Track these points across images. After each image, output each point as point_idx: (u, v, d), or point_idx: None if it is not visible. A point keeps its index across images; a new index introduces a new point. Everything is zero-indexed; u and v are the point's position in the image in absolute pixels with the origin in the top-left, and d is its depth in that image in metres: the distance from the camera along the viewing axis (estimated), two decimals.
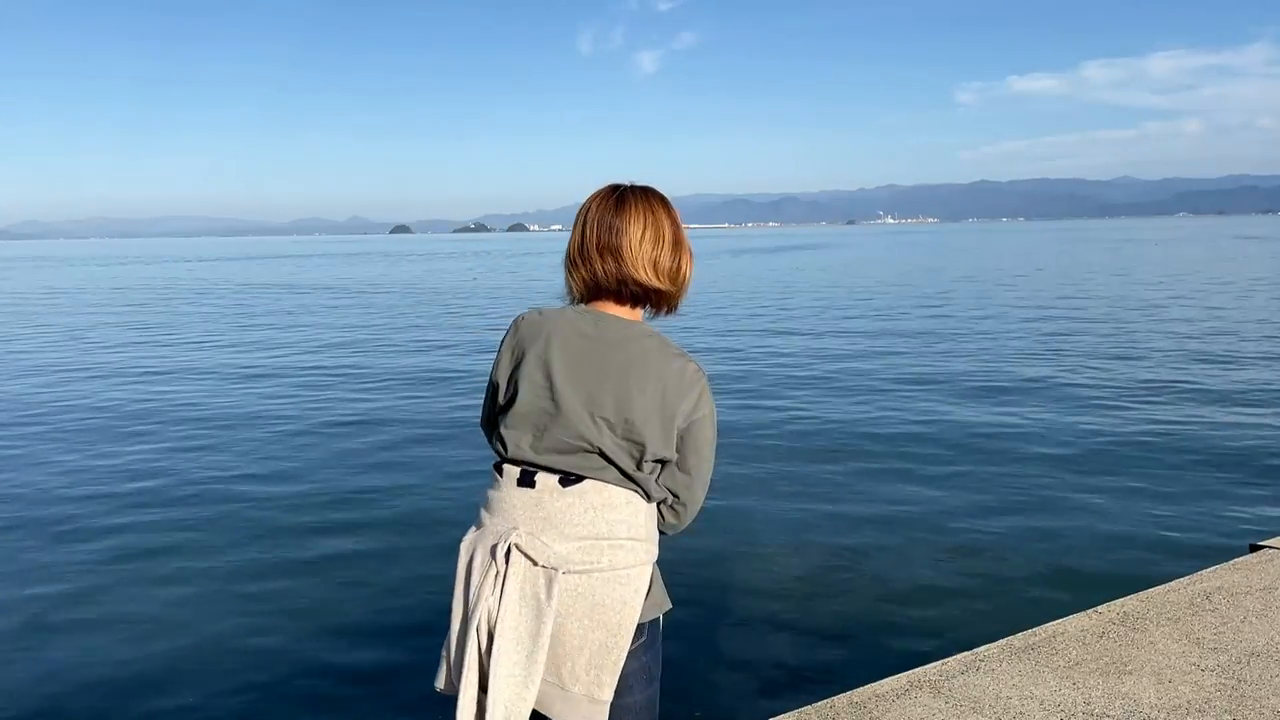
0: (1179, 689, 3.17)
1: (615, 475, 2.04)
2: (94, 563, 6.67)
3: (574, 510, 2.01)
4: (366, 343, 20.09)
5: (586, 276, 2.12)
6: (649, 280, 2.10)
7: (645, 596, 2.08)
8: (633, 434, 2.02)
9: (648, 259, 2.10)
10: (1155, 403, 11.52)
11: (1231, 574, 4.22)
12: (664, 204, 2.17)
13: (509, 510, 2.04)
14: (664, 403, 2.03)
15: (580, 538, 2.00)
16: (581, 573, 1.99)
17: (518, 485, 2.05)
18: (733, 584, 6.02)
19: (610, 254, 2.09)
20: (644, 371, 2.04)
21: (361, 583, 6.20)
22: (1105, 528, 6.95)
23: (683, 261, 2.16)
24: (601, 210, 2.13)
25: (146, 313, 29.28)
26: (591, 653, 1.99)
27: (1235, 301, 25.10)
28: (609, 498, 2.04)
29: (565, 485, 2.03)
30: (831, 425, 10.69)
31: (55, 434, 11.13)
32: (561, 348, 2.05)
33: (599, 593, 2.00)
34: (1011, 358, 15.65)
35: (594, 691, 1.99)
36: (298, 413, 12.12)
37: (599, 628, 2.00)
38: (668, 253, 2.13)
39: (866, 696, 3.20)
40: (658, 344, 2.09)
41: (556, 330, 2.07)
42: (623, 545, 2.03)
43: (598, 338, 2.07)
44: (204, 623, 5.63)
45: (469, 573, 2.03)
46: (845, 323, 22.20)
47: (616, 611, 2.01)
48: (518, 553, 1.98)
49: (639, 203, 2.14)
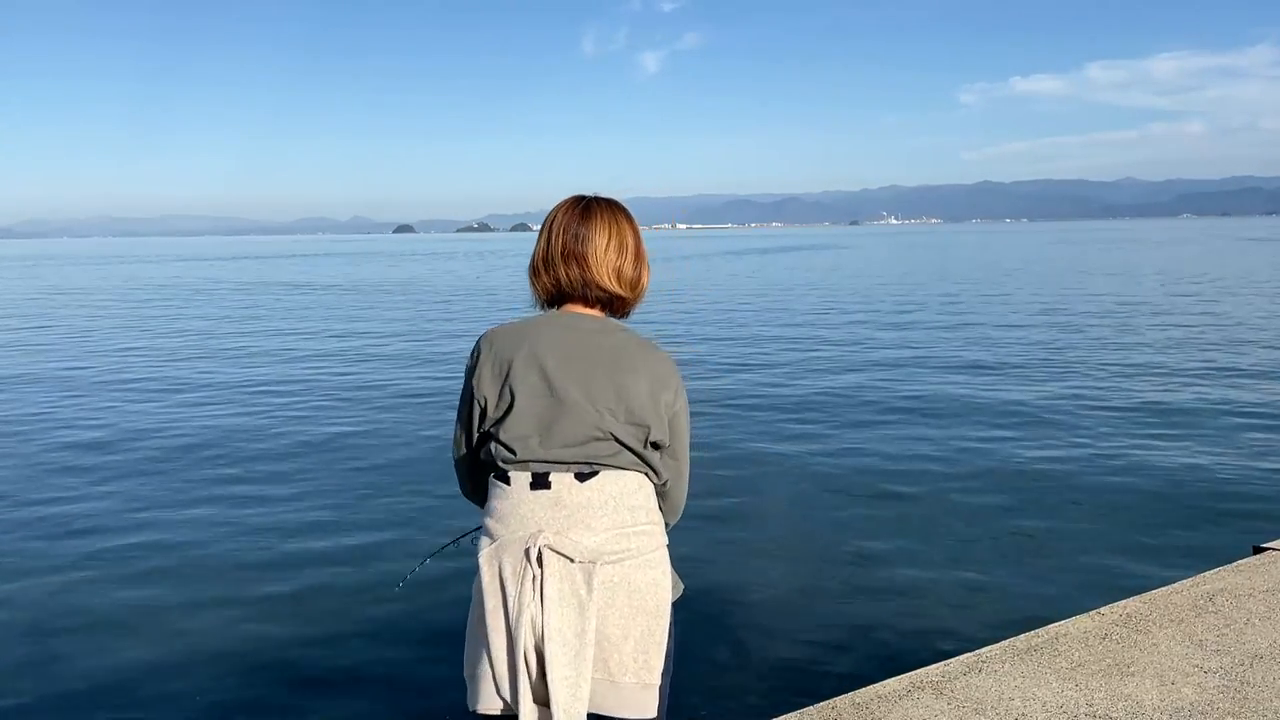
0: (1182, 691, 3.16)
1: (628, 459, 2.08)
2: (93, 560, 6.69)
3: (595, 502, 2.04)
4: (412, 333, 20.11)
5: (550, 283, 2.19)
6: (611, 286, 2.17)
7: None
8: (634, 418, 2.07)
9: (611, 267, 2.17)
10: (1157, 404, 11.51)
11: (1234, 576, 4.21)
12: (627, 216, 2.25)
13: (526, 515, 2.04)
14: (652, 390, 2.10)
15: (606, 528, 2.03)
16: (616, 562, 2.02)
17: (531, 489, 2.06)
18: (734, 585, 6.02)
19: (576, 261, 2.16)
20: (632, 361, 2.10)
21: (355, 582, 6.21)
22: (1107, 529, 6.95)
23: (642, 272, 2.25)
24: (568, 219, 2.20)
25: (173, 315, 29.33)
26: (636, 640, 2.03)
27: (1240, 303, 25.06)
28: (625, 484, 2.08)
29: (582, 480, 2.05)
30: (834, 423, 10.69)
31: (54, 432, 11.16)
32: (549, 347, 2.09)
33: (634, 579, 2.04)
34: (1014, 357, 15.63)
35: (644, 677, 2.03)
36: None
37: (640, 614, 2.03)
38: (630, 263, 2.20)
39: (869, 697, 3.19)
40: (634, 337, 2.16)
41: (538, 333, 2.12)
42: (644, 530, 2.08)
43: (580, 332, 2.12)
44: (194, 622, 5.64)
45: (501, 584, 2.02)
46: (848, 323, 22.18)
47: (652, 595, 2.06)
48: (551, 553, 1.99)
49: (604, 213, 2.21)
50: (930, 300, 28.16)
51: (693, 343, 18.88)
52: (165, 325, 24.68)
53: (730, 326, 22.19)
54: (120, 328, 24.09)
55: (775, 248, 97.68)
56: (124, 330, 23.54)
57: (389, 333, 22.14)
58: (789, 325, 22.12)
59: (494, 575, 2.03)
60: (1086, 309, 24.29)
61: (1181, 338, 17.99)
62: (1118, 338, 18.21)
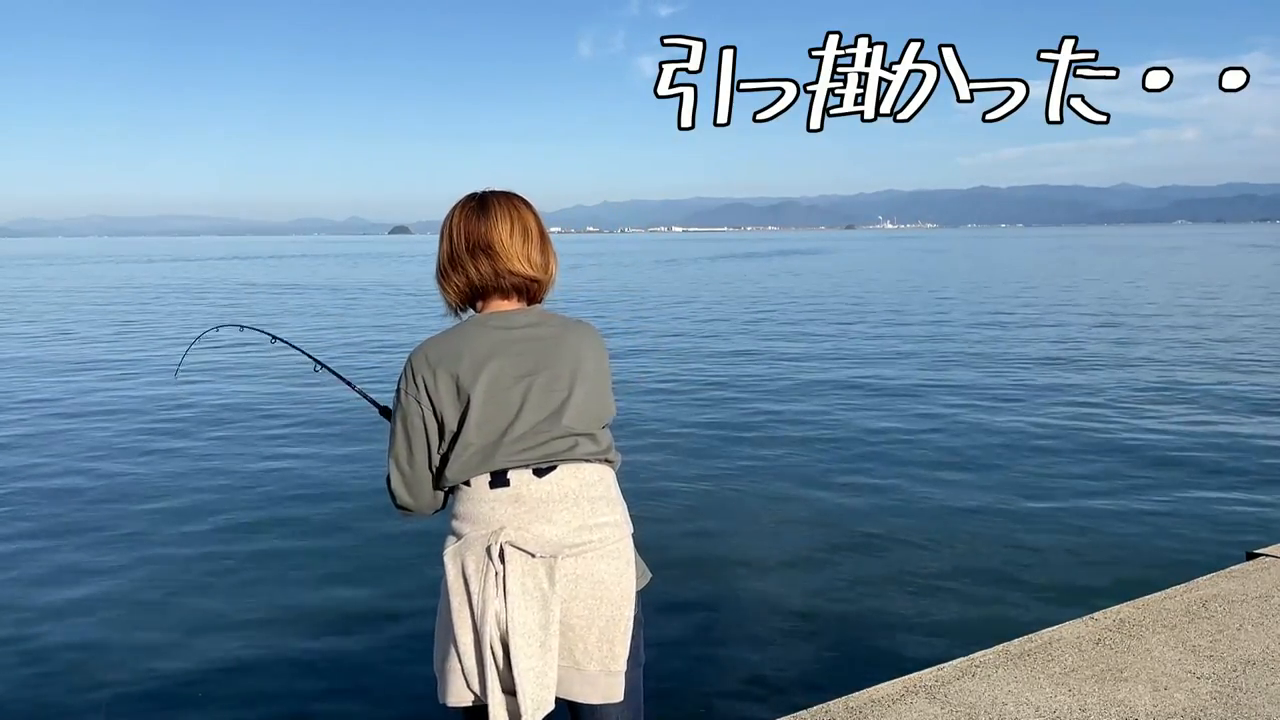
0: (1175, 696, 3.17)
1: (586, 450, 2.09)
2: (95, 551, 6.67)
3: (554, 496, 2.06)
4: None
5: (461, 282, 2.16)
6: (524, 269, 2.15)
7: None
8: (589, 403, 2.10)
9: (520, 253, 2.15)
10: (1152, 410, 11.53)
11: (1228, 581, 4.22)
12: (526, 204, 2.23)
13: (488, 514, 2.06)
14: (594, 366, 2.13)
15: (567, 521, 2.05)
16: (577, 554, 2.04)
17: (490, 488, 2.07)
18: (728, 589, 6.02)
19: (483, 253, 2.13)
20: (569, 345, 2.12)
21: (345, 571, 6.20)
22: (1101, 534, 6.96)
23: (549, 257, 2.22)
24: (466, 215, 2.18)
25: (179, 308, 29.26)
26: (600, 628, 2.05)
27: (1232, 309, 25.13)
28: (584, 476, 2.09)
29: (540, 475, 2.06)
30: (828, 429, 10.69)
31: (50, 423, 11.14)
32: (489, 354, 2.07)
33: (597, 570, 2.06)
34: (1009, 364, 15.65)
35: (609, 665, 2.05)
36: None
37: (604, 603, 2.05)
38: (536, 249, 2.19)
39: (862, 701, 3.20)
40: (559, 318, 2.17)
41: (473, 341, 2.09)
42: (606, 520, 2.10)
43: (514, 330, 2.11)
44: (190, 620, 5.62)
45: (465, 582, 2.05)
46: (841, 325, 22.20)
47: (616, 585, 2.07)
48: (512, 549, 2.01)
49: (503, 204, 2.19)
50: (928, 307, 28.20)
51: (689, 340, 18.90)
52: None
53: (731, 327, 22.20)
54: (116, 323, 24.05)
55: (771, 251, 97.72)
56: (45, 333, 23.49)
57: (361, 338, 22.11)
58: (788, 327, 22.14)
59: (458, 573, 2.06)
60: (1080, 316, 24.33)
61: (1179, 342, 18.04)
62: (1113, 344, 18.26)
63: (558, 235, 15.31)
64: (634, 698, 2.13)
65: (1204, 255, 67.57)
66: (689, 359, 16.79)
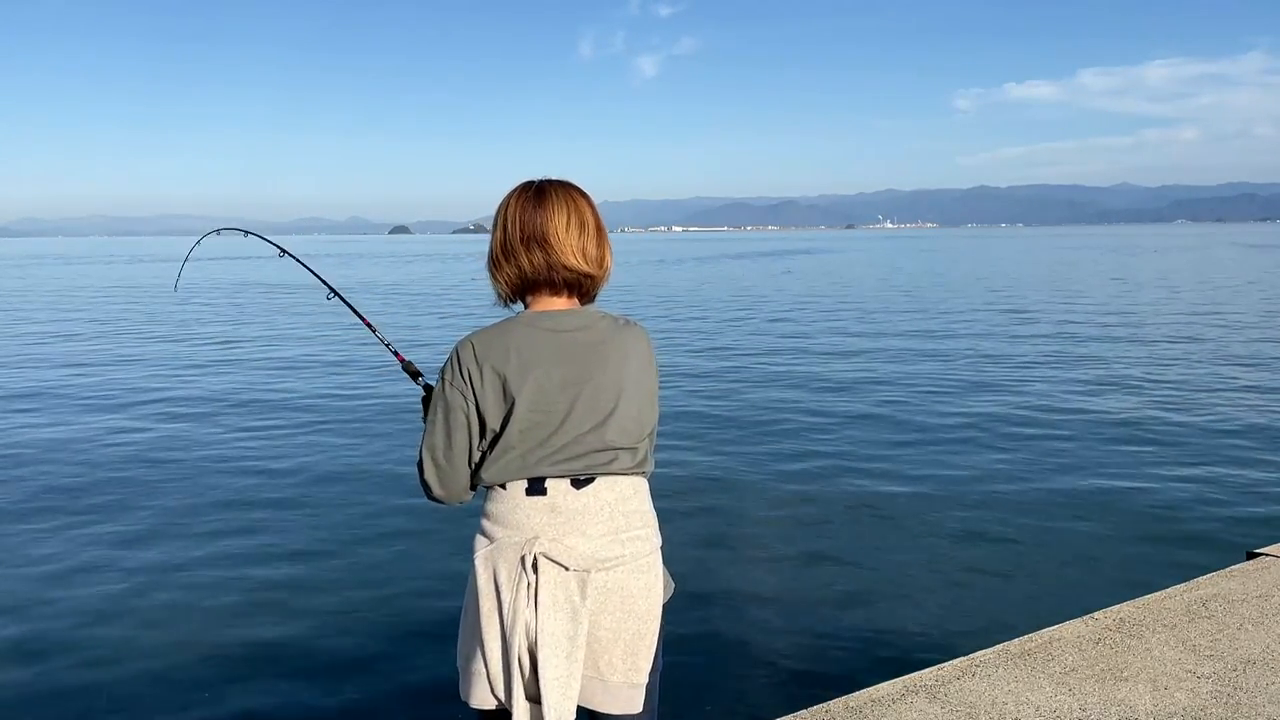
0: (1175, 696, 3.17)
1: (624, 463, 2.06)
2: (97, 543, 6.67)
3: (591, 508, 2.03)
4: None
5: (513, 273, 2.10)
6: (578, 265, 2.08)
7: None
8: (631, 413, 2.06)
9: (576, 246, 2.08)
10: (1152, 409, 11.53)
11: (1228, 581, 4.22)
12: (583, 194, 2.15)
13: (522, 521, 2.03)
14: (641, 373, 2.09)
15: (602, 534, 2.03)
16: (610, 569, 2.03)
17: (527, 495, 2.04)
18: (729, 589, 6.02)
19: (537, 244, 2.06)
20: (618, 350, 2.07)
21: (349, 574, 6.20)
22: (1101, 534, 6.96)
23: (605, 250, 2.15)
24: (521, 205, 2.10)
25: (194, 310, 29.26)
26: (626, 642, 2.04)
27: (1231, 306, 25.12)
28: (621, 490, 2.07)
29: (578, 487, 2.04)
30: (829, 429, 10.69)
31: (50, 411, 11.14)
32: (538, 358, 2.02)
33: (627, 585, 2.04)
34: (1009, 364, 15.65)
35: (632, 677, 2.05)
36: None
37: (631, 618, 2.04)
38: (593, 241, 2.12)
39: (863, 701, 3.20)
40: (609, 320, 2.11)
41: (522, 342, 2.04)
42: (639, 535, 2.08)
43: (564, 334, 2.06)
44: (188, 619, 5.63)
45: (496, 588, 2.03)
46: (840, 324, 22.20)
47: (644, 599, 2.06)
48: (546, 561, 1.99)
49: (560, 194, 2.12)
50: (928, 309, 28.20)
51: (691, 341, 18.89)
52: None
53: (733, 326, 22.19)
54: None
55: (771, 251, 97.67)
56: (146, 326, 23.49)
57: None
58: (789, 326, 22.12)
59: (489, 579, 2.03)
60: (1083, 317, 24.32)
61: (1178, 343, 18.04)
62: (1112, 345, 18.26)
63: None
64: (650, 700, 2.13)
65: (1203, 255, 67.51)
66: (699, 354, 16.79)
